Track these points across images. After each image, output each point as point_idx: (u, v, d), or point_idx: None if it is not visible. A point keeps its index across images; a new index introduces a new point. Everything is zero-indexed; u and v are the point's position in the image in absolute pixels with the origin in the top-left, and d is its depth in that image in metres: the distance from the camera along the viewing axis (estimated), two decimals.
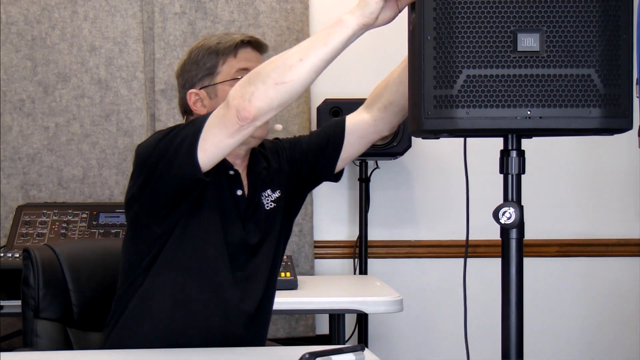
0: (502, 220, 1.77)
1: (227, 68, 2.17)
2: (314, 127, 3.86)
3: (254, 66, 2.10)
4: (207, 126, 1.95)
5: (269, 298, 2.27)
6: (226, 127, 1.92)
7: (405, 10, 1.91)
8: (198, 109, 2.20)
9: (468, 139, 1.87)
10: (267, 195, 2.25)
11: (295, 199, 2.34)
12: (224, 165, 2.14)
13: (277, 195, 2.27)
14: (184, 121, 2.26)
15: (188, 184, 2.01)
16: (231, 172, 2.19)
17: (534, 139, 1.88)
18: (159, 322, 2.14)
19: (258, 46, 2.21)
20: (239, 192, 2.19)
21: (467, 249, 1.89)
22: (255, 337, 2.22)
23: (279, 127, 2.38)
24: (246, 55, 2.18)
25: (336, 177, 2.35)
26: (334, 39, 1.90)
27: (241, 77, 2.09)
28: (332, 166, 2.30)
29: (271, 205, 2.25)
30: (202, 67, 2.19)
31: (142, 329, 2.14)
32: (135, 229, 2.16)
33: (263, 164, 2.28)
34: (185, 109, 2.24)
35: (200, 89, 2.20)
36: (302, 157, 2.32)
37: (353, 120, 2.30)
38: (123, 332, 2.16)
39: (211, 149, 1.95)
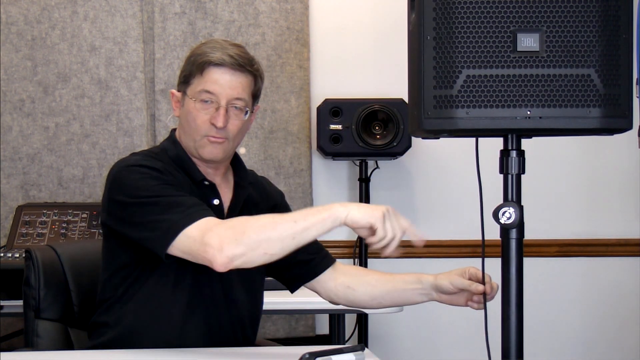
0: (502, 220, 1.78)
1: (195, 83, 2.18)
2: (314, 127, 3.86)
3: (220, 90, 2.14)
4: (180, 241, 1.98)
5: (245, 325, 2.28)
6: (197, 259, 1.98)
7: (405, 10, 1.91)
8: (174, 109, 2.26)
9: (468, 139, 1.88)
10: None
11: None
12: (198, 178, 2.19)
13: None
14: (170, 116, 2.32)
15: (149, 252, 2.07)
16: (206, 183, 2.21)
17: (534, 139, 1.88)
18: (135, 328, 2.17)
19: (235, 67, 2.16)
20: (216, 202, 2.21)
21: (484, 249, 1.89)
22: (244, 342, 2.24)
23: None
24: (215, 76, 2.15)
25: (290, 289, 2.41)
26: (326, 226, 1.94)
27: (195, 100, 2.15)
28: (292, 282, 2.37)
29: None
30: (183, 71, 2.22)
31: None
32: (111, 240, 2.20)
33: (251, 178, 2.32)
34: None
35: (179, 91, 2.24)
36: None
37: (323, 277, 2.34)
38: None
39: (178, 255, 2.01)
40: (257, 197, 2.32)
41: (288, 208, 2.41)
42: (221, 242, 1.92)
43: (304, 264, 2.31)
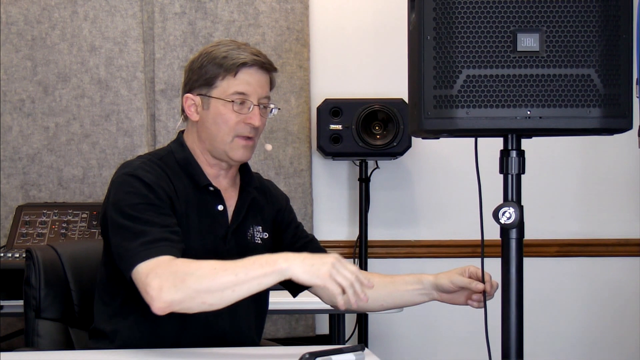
0: (502, 220, 1.78)
1: (224, 85, 2.17)
2: (314, 127, 3.86)
3: (252, 90, 2.16)
4: (135, 273, 1.99)
5: (248, 316, 2.27)
6: (141, 293, 1.98)
7: (405, 10, 1.91)
8: (191, 114, 2.23)
9: (468, 139, 1.88)
10: (258, 230, 2.29)
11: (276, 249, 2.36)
12: (203, 183, 2.20)
13: (265, 237, 2.30)
14: (181, 119, 2.29)
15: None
16: (211, 188, 2.21)
17: (534, 139, 1.88)
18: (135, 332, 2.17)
19: (265, 66, 2.20)
20: (220, 208, 2.21)
21: (483, 249, 1.89)
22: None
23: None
24: (247, 77, 2.17)
25: (293, 294, 2.40)
26: (267, 281, 1.92)
27: (233, 102, 2.15)
28: (294, 288, 2.35)
29: (259, 240, 2.28)
30: (203, 74, 2.19)
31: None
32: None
33: (255, 183, 2.31)
34: (182, 109, 2.27)
35: (197, 95, 2.21)
36: (283, 230, 2.36)
37: None
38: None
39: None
40: (262, 201, 2.32)
41: (292, 212, 2.41)
42: (161, 286, 1.92)
43: None
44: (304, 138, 3.93)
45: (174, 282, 1.92)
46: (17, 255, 3.24)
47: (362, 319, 3.79)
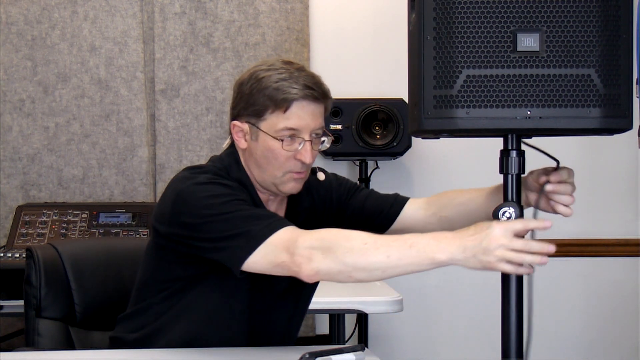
0: (502, 220, 1.77)
1: (274, 119, 2.04)
2: None
3: (304, 124, 2.04)
4: (262, 251, 1.89)
5: (291, 330, 2.22)
6: (281, 269, 1.89)
7: (405, 10, 1.91)
8: (239, 140, 2.11)
9: (468, 139, 1.87)
10: None
11: None
12: (255, 205, 2.09)
13: None
14: (227, 139, 2.18)
15: (221, 266, 1.97)
16: None
17: (534, 139, 1.88)
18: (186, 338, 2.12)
19: (319, 96, 2.07)
20: None
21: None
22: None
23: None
24: (299, 111, 2.03)
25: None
26: (420, 269, 1.82)
27: (283, 140, 2.02)
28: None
29: None
30: (251, 104, 2.06)
31: (164, 341, 2.12)
32: (162, 251, 2.11)
33: (305, 203, 2.21)
34: (230, 132, 2.16)
35: (244, 122, 2.09)
36: (344, 207, 2.26)
37: (409, 211, 2.26)
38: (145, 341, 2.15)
39: (257, 268, 1.92)
40: (311, 206, 2.23)
41: (343, 184, 2.31)
42: (310, 253, 1.83)
43: (376, 216, 2.24)
44: None
45: (323, 251, 1.83)
46: (17, 255, 3.24)
47: (362, 319, 3.79)
